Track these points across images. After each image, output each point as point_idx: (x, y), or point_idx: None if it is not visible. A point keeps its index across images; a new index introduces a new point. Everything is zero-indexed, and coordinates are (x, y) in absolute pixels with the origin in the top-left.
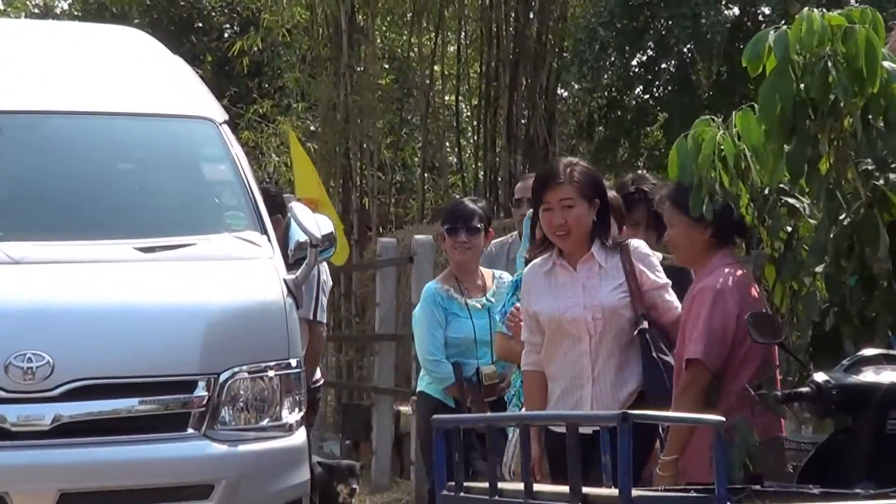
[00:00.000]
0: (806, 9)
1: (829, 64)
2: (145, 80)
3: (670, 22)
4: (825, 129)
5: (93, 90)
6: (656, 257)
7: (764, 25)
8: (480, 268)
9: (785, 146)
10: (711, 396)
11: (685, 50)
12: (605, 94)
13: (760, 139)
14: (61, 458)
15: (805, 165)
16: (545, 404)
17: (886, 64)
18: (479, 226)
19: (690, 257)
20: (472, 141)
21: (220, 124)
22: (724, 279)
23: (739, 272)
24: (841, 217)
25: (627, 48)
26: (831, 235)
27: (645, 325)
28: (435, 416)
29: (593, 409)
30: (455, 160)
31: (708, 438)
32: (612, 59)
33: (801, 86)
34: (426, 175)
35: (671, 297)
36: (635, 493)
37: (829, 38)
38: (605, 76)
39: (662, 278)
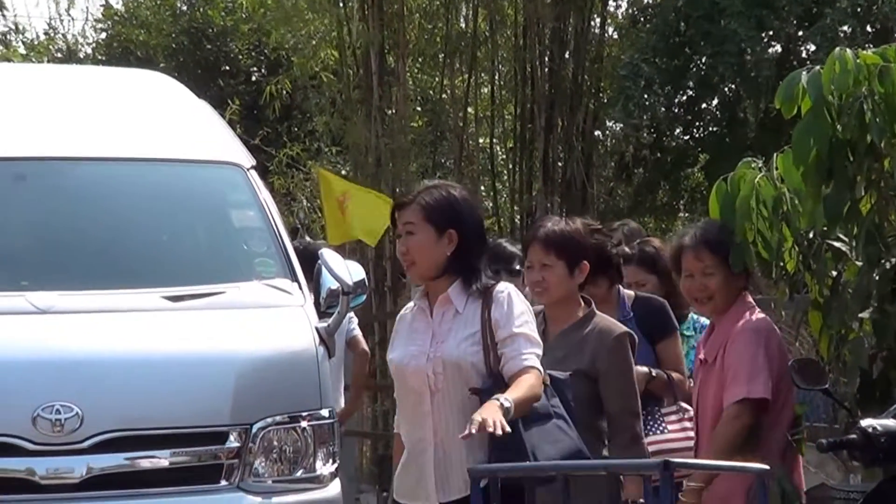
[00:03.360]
0: (839, 48)
1: (865, 104)
2: (171, 125)
3: (713, 59)
4: (863, 170)
5: (118, 136)
6: (526, 303)
7: (809, 62)
8: None
9: (824, 188)
10: (752, 440)
11: (729, 88)
12: (648, 133)
13: (801, 181)
14: None
15: (844, 208)
16: None
17: None
18: (519, 268)
19: (724, 306)
20: (507, 184)
21: (248, 169)
22: (762, 322)
23: (764, 315)
24: (883, 261)
25: (669, 87)
26: (875, 278)
27: (483, 384)
28: (471, 466)
29: (436, 480)
30: (490, 204)
31: (732, 481)
32: (658, 97)
33: (838, 127)
34: None
35: (524, 347)
36: None
37: (864, 77)
38: (648, 114)
39: (520, 328)
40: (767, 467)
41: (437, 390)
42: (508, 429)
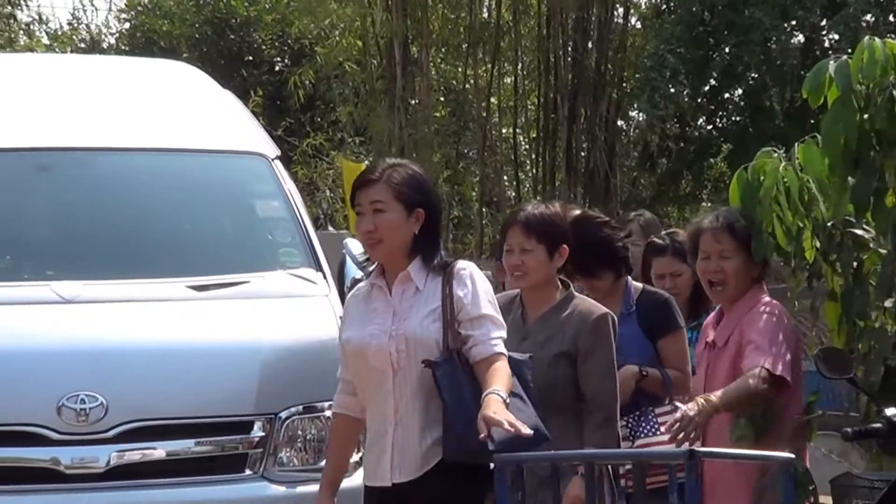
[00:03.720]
0: (867, 37)
1: (894, 93)
2: (196, 115)
3: (738, 49)
4: (891, 160)
5: (143, 126)
6: (488, 283)
7: (831, 52)
8: None
9: (850, 178)
10: (768, 422)
11: (753, 78)
12: (672, 123)
13: (825, 171)
14: (117, 501)
15: (870, 198)
16: (346, 453)
17: None
18: None
19: (736, 293)
20: (530, 174)
21: (273, 160)
22: (779, 306)
23: (779, 303)
24: None
25: (693, 77)
26: None
27: (438, 357)
28: (497, 454)
29: (394, 459)
30: (513, 194)
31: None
32: (683, 87)
33: (865, 116)
34: (484, 210)
35: (492, 331)
36: None
37: (892, 67)
38: (673, 104)
39: (486, 310)
40: (793, 455)
41: (400, 368)
42: (531, 430)
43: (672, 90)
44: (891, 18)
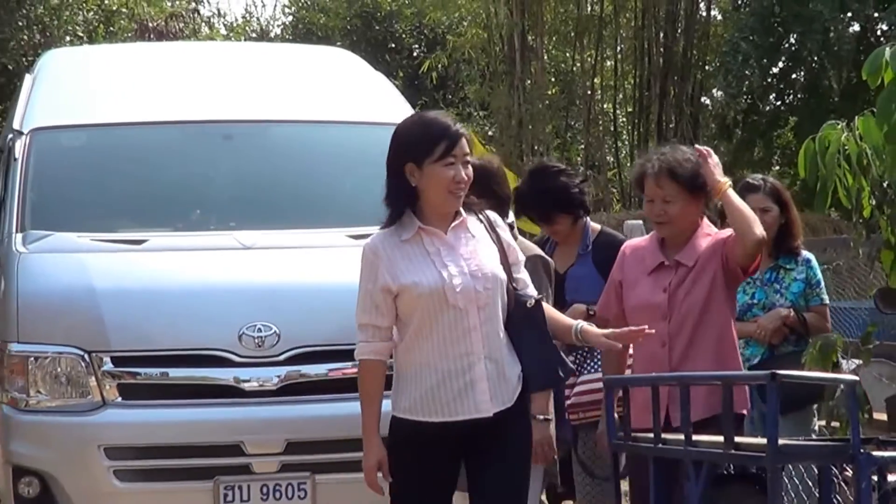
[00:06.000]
0: None
1: None
2: (353, 92)
3: (802, 36)
4: None
5: (310, 101)
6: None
7: (883, 39)
8: None
9: None
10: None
11: (814, 60)
12: (745, 99)
13: (881, 140)
14: (287, 413)
15: None
16: (381, 397)
17: None
18: None
19: (683, 229)
20: (626, 143)
21: None
22: None
23: None
24: None
25: (764, 61)
26: None
27: (527, 297)
28: (606, 376)
29: (490, 390)
30: (612, 159)
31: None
32: (753, 69)
33: None
34: (588, 172)
35: (527, 274)
36: (781, 441)
37: None
38: (745, 84)
39: (520, 254)
40: (857, 378)
41: (485, 305)
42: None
43: (744, 71)
44: None
